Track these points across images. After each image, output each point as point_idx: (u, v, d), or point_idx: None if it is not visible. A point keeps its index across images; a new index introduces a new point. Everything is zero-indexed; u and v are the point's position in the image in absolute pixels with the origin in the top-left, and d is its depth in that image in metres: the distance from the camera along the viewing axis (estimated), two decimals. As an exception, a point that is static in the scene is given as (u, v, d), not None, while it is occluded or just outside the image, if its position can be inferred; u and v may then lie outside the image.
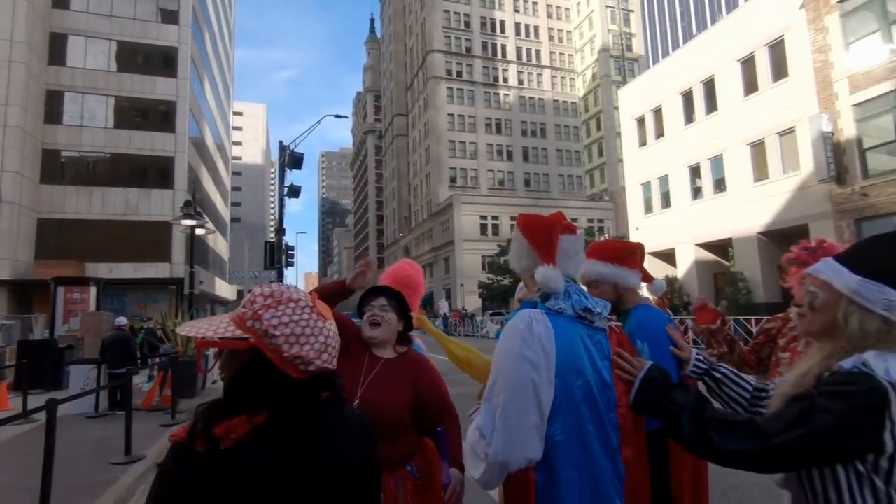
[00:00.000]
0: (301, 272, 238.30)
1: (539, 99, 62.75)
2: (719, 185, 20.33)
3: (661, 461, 1.75)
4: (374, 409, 1.67)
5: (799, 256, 2.04)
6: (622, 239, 11.92)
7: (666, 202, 23.18)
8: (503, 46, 62.46)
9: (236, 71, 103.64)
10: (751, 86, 18.88)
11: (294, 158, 17.52)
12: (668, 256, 22.45)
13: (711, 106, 20.61)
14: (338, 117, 22.64)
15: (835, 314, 1.15)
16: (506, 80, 61.58)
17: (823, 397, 1.06)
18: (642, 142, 24.72)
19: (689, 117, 21.76)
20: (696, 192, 21.61)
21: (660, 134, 23.50)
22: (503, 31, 62.75)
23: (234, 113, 65.64)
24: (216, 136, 43.61)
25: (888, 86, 14.30)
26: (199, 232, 15.25)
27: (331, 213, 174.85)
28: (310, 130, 19.03)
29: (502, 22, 62.86)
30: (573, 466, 1.28)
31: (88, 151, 28.15)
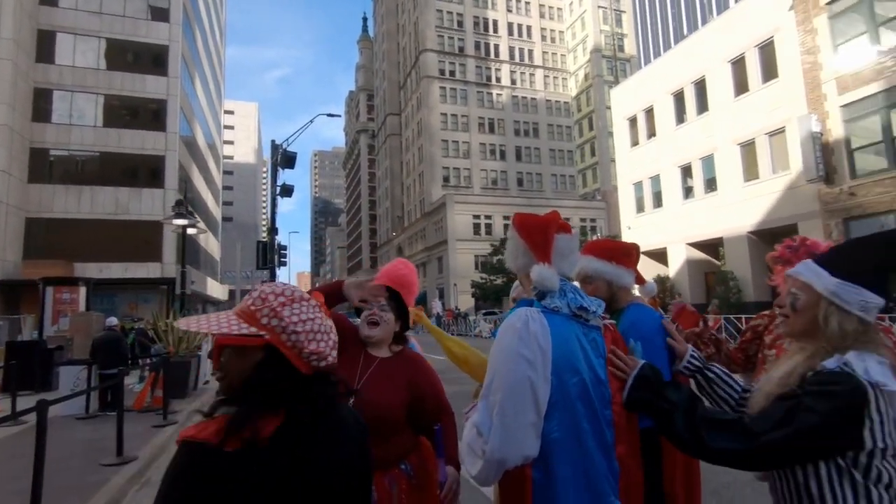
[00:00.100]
0: (293, 272, 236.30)
1: (532, 99, 62.91)
2: (710, 185, 20.48)
3: (654, 459, 1.77)
4: (369, 408, 1.66)
5: (783, 255, 2.06)
6: (615, 238, 12.00)
7: (658, 202, 23.33)
8: (496, 46, 62.56)
9: (228, 69, 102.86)
10: (741, 86, 19.04)
11: (287, 157, 17.41)
12: (660, 256, 22.59)
13: (702, 106, 20.76)
14: (330, 116, 22.56)
15: (815, 315, 1.19)
16: (499, 79, 61.68)
17: (808, 397, 1.10)
18: (634, 142, 24.85)
19: (681, 117, 21.91)
20: (688, 191, 21.77)
21: (651, 134, 23.62)
22: (496, 30, 62.84)
23: (225, 112, 65.23)
24: (207, 134, 43.27)
25: (876, 87, 14.47)
26: (191, 231, 15.11)
27: (323, 213, 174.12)
28: (302, 129, 18.93)
29: (495, 21, 62.93)
30: (569, 463, 1.29)
31: (77, 150, 27.83)
